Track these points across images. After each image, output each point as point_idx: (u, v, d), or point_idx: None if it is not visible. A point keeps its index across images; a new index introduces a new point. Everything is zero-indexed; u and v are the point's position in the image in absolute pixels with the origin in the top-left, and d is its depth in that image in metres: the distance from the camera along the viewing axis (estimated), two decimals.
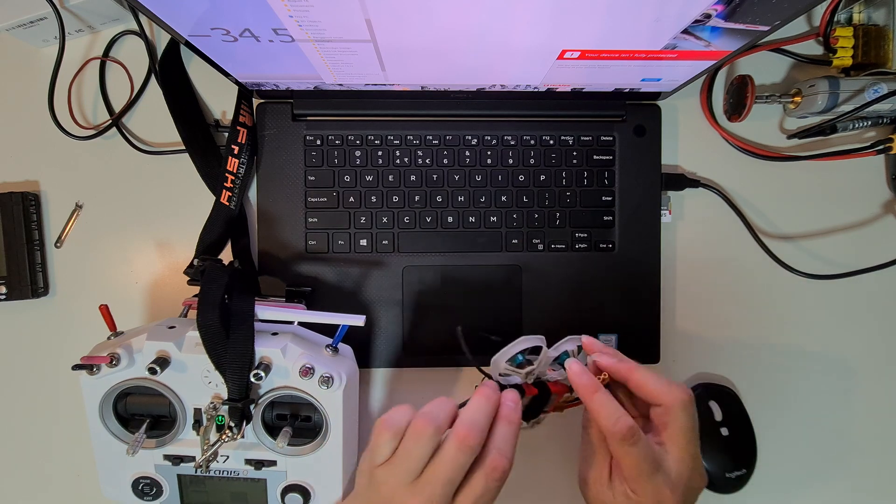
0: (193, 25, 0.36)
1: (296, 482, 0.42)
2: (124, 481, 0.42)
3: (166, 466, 0.42)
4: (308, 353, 0.40)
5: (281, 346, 0.39)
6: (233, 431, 0.39)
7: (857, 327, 0.52)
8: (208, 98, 0.51)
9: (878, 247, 0.52)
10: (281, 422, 0.42)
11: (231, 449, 0.41)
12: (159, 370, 0.38)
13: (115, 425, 0.41)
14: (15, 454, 0.51)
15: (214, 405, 0.40)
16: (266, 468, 0.42)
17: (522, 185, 0.50)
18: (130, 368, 0.39)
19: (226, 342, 0.38)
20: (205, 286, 0.40)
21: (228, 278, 0.41)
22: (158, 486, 0.42)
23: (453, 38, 0.37)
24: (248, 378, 0.38)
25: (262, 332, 0.41)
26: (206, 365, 0.39)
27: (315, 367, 0.39)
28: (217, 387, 0.40)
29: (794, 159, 0.51)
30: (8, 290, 0.48)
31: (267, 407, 0.41)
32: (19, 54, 0.50)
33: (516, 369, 0.39)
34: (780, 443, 0.52)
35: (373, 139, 0.49)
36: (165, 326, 0.41)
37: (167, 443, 0.41)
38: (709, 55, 0.40)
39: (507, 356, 0.39)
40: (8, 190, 0.48)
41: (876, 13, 0.49)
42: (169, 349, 0.39)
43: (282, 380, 0.40)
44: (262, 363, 0.39)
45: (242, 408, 0.39)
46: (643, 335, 0.50)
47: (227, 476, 0.42)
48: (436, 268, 0.49)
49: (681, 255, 0.52)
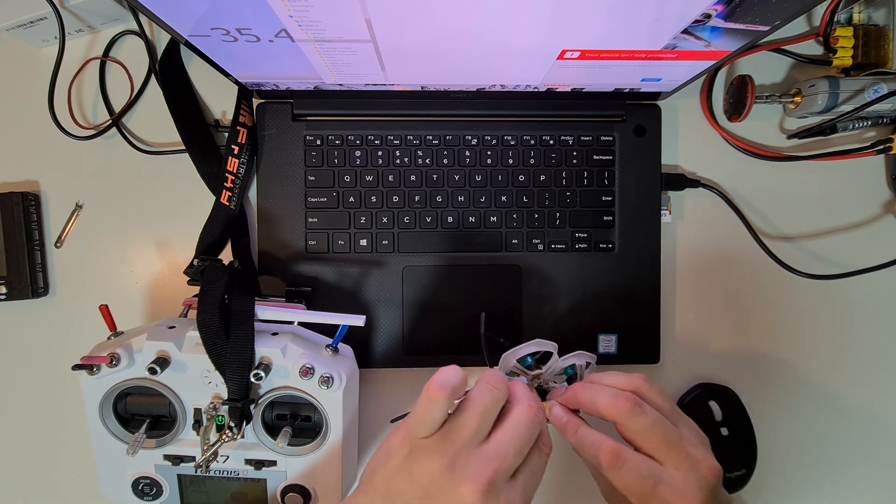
0: (193, 25, 0.36)
1: (296, 482, 0.42)
2: (124, 481, 0.42)
3: (166, 466, 0.42)
4: (308, 353, 0.40)
5: (281, 346, 0.39)
6: (233, 431, 0.39)
7: (857, 327, 0.52)
8: (208, 98, 0.51)
9: (878, 247, 0.52)
10: (281, 422, 0.42)
11: (231, 449, 0.41)
12: (159, 370, 0.38)
13: (115, 425, 0.41)
14: (15, 454, 0.51)
15: (214, 405, 0.40)
16: (266, 468, 0.42)
17: (522, 185, 0.50)
18: (130, 368, 0.39)
19: (226, 342, 0.38)
20: (205, 286, 0.40)
21: (228, 278, 0.41)
22: (158, 486, 0.42)
23: (453, 38, 0.37)
24: (248, 378, 0.38)
25: (262, 332, 0.41)
26: (206, 365, 0.39)
27: (315, 367, 0.39)
28: (217, 387, 0.40)
29: (794, 159, 0.51)
30: (8, 290, 0.48)
31: (267, 407, 0.41)
32: (19, 54, 0.50)
33: (525, 370, 0.39)
34: (780, 442, 0.52)
35: (373, 139, 0.49)
36: (165, 326, 0.41)
37: (167, 443, 0.41)
38: (709, 55, 0.40)
39: (519, 355, 0.39)
40: (8, 190, 0.48)
41: (876, 13, 0.49)
42: (169, 349, 0.39)
43: (282, 380, 0.40)
44: (262, 363, 0.39)
45: (242, 408, 0.39)
46: (643, 335, 0.50)
47: (227, 476, 0.42)
48: (436, 268, 0.49)
49: (681, 255, 0.52)
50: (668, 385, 0.52)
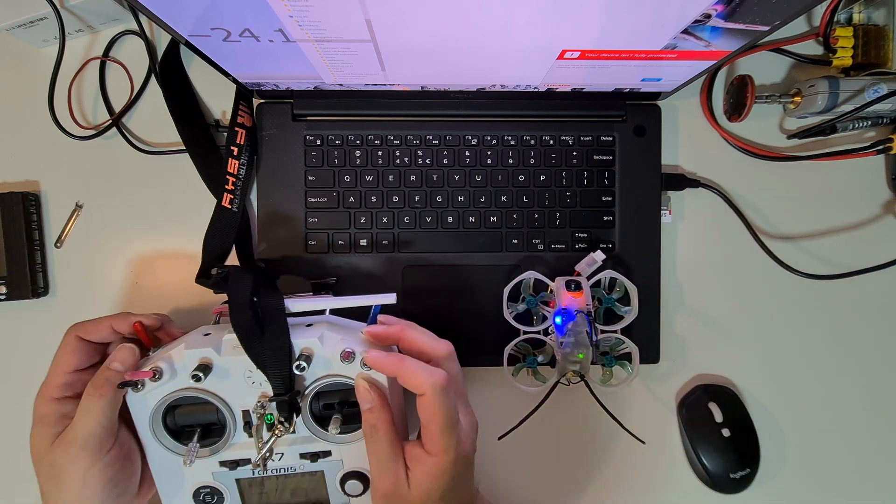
0: (193, 25, 0.36)
1: (353, 469, 0.42)
2: (185, 494, 0.42)
3: (223, 472, 0.42)
4: (346, 339, 0.40)
5: (318, 335, 0.39)
6: (284, 426, 0.39)
7: (857, 327, 0.52)
8: (208, 98, 0.51)
9: (878, 247, 0.52)
10: (329, 411, 0.41)
11: (285, 446, 0.41)
12: (203, 376, 0.38)
13: (168, 439, 0.41)
14: (14, 454, 0.51)
15: (262, 404, 0.39)
16: (322, 459, 0.42)
17: (522, 185, 0.50)
18: (174, 380, 0.39)
19: (262, 339, 0.38)
20: (232, 290, 0.40)
21: (253, 279, 0.41)
22: (219, 494, 0.42)
23: (453, 38, 0.37)
24: (291, 370, 0.38)
25: (296, 325, 0.41)
26: (248, 365, 0.39)
27: (355, 351, 0.39)
28: (261, 385, 0.40)
29: (794, 159, 0.51)
30: (8, 290, 0.48)
31: (313, 399, 0.41)
32: (19, 54, 0.50)
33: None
34: (780, 442, 0.52)
35: (373, 139, 0.49)
36: (201, 334, 0.41)
37: (221, 449, 0.41)
38: (709, 55, 0.40)
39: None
40: (8, 190, 0.48)
41: (876, 13, 0.49)
42: (209, 355, 0.39)
43: (324, 369, 0.40)
44: (303, 354, 0.39)
45: (290, 400, 0.39)
46: (643, 335, 0.50)
47: (285, 473, 0.42)
48: (436, 268, 0.49)
49: (681, 255, 0.52)
50: (668, 385, 0.52)
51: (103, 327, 0.41)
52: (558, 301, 0.44)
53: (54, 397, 0.39)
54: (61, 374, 0.40)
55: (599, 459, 0.51)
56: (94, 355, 0.41)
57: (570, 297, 0.44)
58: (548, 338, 0.46)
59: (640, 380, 0.52)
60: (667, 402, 0.52)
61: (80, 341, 0.40)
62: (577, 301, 0.44)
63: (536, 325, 0.47)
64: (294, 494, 0.43)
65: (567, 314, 0.43)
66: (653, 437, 0.50)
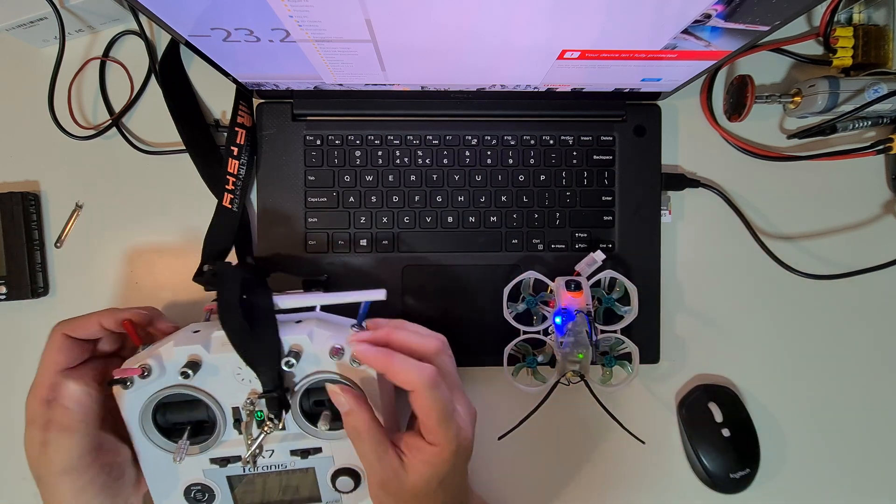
0: (193, 25, 0.36)
1: (344, 465, 0.42)
2: (176, 492, 0.42)
3: (214, 470, 0.42)
4: (335, 335, 0.40)
5: (307, 331, 0.39)
6: (273, 423, 0.39)
7: (857, 327, 0.52)
8: (208, 98, 0.51)
9: (878, 247, 0.52)
10: (319, 408, 0.42)
11: (275, 443, 0.41)
12: (192, 373, 0.38)
13: (158, 436, 0.41)
14: (14, 454, 0.50)
15: (251, 400, 0.40)
16: (312, 456, 0.42)
17: (522, 185, 0.50)
18: (163, 377, 0.39)
19: (251, 336, 0.38)
20: (221, 287, 0.40)
21: (243, 276, 0.41)
22: (210, 491, 0.42)
23: (453, 38, 0.37)
24: (280, 366, 0.38)
25: (285, 322, 0.41)
26: (237, 362, 0.39)
27: (344, 347, 0.39)
28: (251, 382, 0.40)
29: (794, 159, 0.51)
30: (8, 290, 0.48)
31: (303, 396, 0.41)
32: (19, 54, 0.50)
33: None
34: (780, 442, 0.52)
35: (373, 139, 0.49)
36: (190, 332, 0.41)
37: (211, 446, 0.41)
38: (709, 55, 0.40)
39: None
40: (8, 190, 0.48)
41: (876, 13, 0.49)
42: (198, 352, 0.39)
43: (313, 366, 0.40)
44: (292, 351, 0.39)
45: (279, 397, 0.39)
46: (643, 335, 0.50)
47: (276, 470, 0.42)
48: (436, 268, 0.49)
49: (681, 255, 0.52)
50: (668, 385, 0.52)
51: (90, 324, 0.40)
52: (558, 301, 0.44)
53: (44, 397, 0.39)
54: (50, 374, 0.39)
55: (599, 460, 0.51)
56: (83, 353, 0.41)
57: (570, 297, 0.44)
58: (548, 338, 0.46)
59: (639, 380, 0.52)
60: (667, 402, 0.52)
61: (66, 339, 0.40)
62: (577, 301, 0.44)
63: (536, 325, 0.47)
64: (285, 491, 0.43)
65: (567, 314, 0.43)
66: (653, 437, 0.50)
